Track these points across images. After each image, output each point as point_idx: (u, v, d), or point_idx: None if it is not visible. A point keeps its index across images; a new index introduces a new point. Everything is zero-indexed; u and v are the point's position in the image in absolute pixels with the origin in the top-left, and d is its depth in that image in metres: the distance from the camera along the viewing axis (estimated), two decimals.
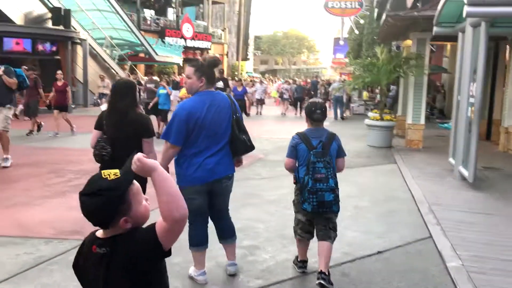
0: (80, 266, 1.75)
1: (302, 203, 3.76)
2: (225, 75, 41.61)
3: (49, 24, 20.07)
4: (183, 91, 12.91)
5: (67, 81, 13.17)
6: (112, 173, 1.61)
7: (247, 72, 51.40)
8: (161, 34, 35.44)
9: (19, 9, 19.27)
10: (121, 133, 3.81)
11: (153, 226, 1.62)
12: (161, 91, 12.37)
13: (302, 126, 4.06)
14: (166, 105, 12.34)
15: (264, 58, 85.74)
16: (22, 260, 4.23)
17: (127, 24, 24.88)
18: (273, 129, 15.30)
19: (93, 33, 24.97)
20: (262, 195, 6.71)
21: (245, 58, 53.26)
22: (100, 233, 1.68)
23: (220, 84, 13.00)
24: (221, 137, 3.69)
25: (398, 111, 14.51)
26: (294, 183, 3.93)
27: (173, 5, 38.71)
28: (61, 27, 19.75)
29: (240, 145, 3.78)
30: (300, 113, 22.08)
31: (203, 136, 3.60)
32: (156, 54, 27.13)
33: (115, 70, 24.12)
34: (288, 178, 5.11)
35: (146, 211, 1.69)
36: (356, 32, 29.65)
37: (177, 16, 38.29)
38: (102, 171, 1.64)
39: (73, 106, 17.77)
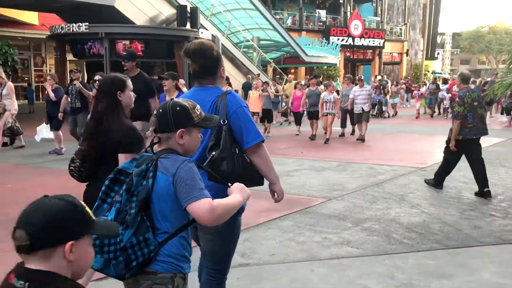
0: None
1: None
2: (408, 75, 36.51)
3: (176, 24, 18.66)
4: None
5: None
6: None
7: (433, 73, 44.59)
8: (325, 33, 32.47)
9: (145, 12, 18.21)
10: (90, 144, 2.95)
11: None
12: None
13: None
14: None
15: (465, 57, 75.34)
16: None
17: (270, 22, 22.37)
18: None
19: (238, 35, 23.21)
20: None
21: (433, 57, 46.43)
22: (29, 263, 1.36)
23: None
24: None
25: None
26: None
27: (341, 2, 35.16)
28: (187, 27, 18.14)
29: None
30: None
31: None
32: (306, 55, 24.01)
33: (255, 75, 21.80)
34: None
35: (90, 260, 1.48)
36: None
37: (344, 12, 34.67)
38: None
39: None
